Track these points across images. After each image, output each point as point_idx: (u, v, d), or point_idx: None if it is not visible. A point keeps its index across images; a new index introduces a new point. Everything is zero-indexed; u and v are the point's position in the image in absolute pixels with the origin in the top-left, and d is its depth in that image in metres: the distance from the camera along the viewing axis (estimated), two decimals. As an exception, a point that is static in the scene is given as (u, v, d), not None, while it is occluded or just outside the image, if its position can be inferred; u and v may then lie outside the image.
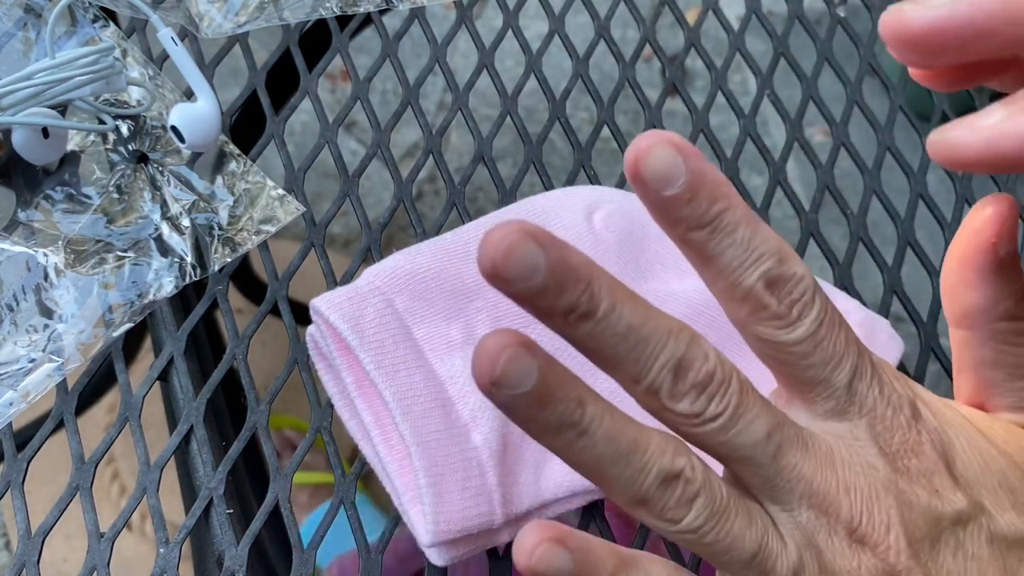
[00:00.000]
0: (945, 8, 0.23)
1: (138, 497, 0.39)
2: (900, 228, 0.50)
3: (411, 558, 0.68)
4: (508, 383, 0.23)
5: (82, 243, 0.44)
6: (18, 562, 0.38)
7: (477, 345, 0.22)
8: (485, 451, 0.37)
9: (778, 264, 0.24)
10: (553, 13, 0.56)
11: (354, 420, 0.39)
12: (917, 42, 0.24)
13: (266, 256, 0.46)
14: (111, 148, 0.47)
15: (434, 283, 0.40)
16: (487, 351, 0.22)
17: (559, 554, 0.24)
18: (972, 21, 0.23)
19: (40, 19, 0.50)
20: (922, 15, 0.24)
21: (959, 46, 0.24)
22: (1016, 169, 0.23)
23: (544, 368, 0.23)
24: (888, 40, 0.24)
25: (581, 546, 0.25)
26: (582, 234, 0.42)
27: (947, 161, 0.23)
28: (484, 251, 0.22)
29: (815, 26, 0.57)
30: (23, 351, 0.41)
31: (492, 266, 0.22)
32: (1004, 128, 0.22)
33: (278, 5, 0.52)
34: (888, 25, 0.24)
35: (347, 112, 0.50)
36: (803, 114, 0.54)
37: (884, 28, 0.24)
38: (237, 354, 0.42)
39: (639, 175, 0.23)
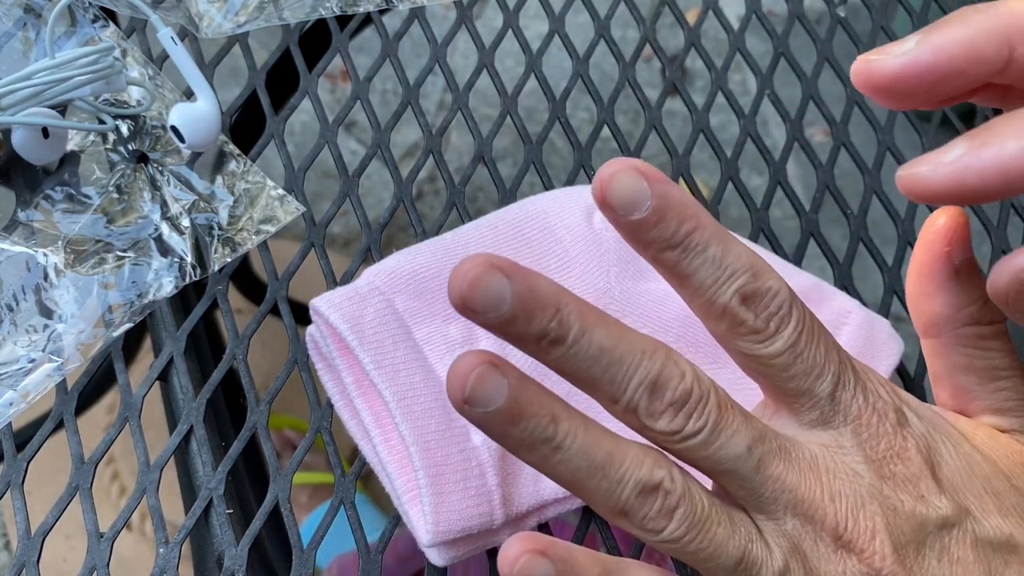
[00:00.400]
0: (909, 56, 0.24)
1: (138, 497, 0.39)
2: (900, 228, 0.50)
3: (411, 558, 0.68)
4: (479, 401, 0.24)
5: (82, 243, 0.44)
6: (18, 562, 0.38)
7: (451, 365, 0.24)
8: (485, 451, 0.37)
9: (752, 279, 0.25)
10: (553, 13, 0.56)
11: (354, 420, 0.39)
12: (886, 89, 0.25)
13: (266, 256, 0.46)
14: (111, 148, 0.47)
15: (434, 283, 0.40)
16: (458, 371, 0.23)
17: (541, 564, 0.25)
18: (935, 67, 0.24)
19: (40, 19, 0.50)
20: (888, 64, 0.24)
21: (928, 88, 0.24)
22: (980, 200, 0.23)
23: (514, 386, 0.24)
24: (859, 88, 0.25)
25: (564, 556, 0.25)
26: (582, 234, 0.42)
27: (914, 196, 0.24)
28: (452, 284, 0.23)
29: (815, 26, 0.57)
30: (23, 351, 0.41)
31: (460, 298, 0.23)
32: (966, 163, 0.23)
33: (278, 5, 0.52)
34: (857, 75, 0.25)
35: (347, 112, 0.50)
36: (803, 114, 0.54)
37: (854, 77, 0.25)
38: (237, 354, 0.42)
39: (606, 201, 0.24)
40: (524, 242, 0.42)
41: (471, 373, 0.23)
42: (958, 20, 0.24)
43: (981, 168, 0.22)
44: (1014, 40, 0.24)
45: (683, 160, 0.51)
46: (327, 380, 0.40)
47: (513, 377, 0.24)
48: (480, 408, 0.24)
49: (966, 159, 0.23)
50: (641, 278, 0.42)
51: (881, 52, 0.25)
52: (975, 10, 0.24)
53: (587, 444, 0.25)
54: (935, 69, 0.24)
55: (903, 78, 0.24)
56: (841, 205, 0.50)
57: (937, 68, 0.24)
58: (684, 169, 0.50)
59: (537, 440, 0.24)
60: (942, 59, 0.24)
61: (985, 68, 0.24)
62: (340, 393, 0.40)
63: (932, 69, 0.24)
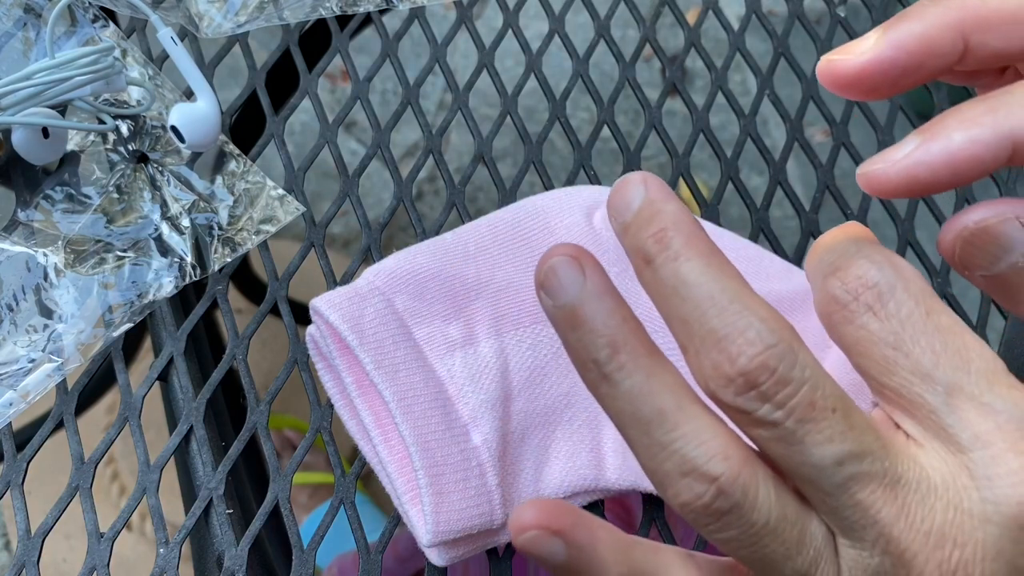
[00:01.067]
0: (870, 53, 0.25)
1: (138, 497, 0.39)
2: (900, 228, 0.50)
3: (411, 558, 0.68)
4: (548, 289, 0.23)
5: (82, 243, 0.44)
6: (18, 562, 0.38)
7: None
8: (485, 451, 0.37)
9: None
10: (553, 13, 0.56)
11: (354, 420, 0.39)
12: (851, 86, 0.25)
13: (266, 256, 0.46)
14: (111, 148, 0.47)
15: (434, 283, 0.40)
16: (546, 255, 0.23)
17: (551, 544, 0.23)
18: (895, 62, 0.24)
19: (40, 19, 0.50)
20: (850, 63, 0.25)
21: (891, 82, 0.25)
22: (936, 191, 0.23)
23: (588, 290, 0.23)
24: (825, 86, 0.26)
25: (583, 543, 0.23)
26: (582, 234, 0.42)
27: (872, 192, 0.24)
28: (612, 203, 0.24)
29: (815, 26, 0.57)
30: (23, 351, 0.41)
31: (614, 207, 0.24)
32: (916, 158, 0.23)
33: (278, 5, 0.52)
34: (822, 74, 0.25)
35: (347, 112, 0.50)
36: (803, 114, 0.54)
37: (820, 76, 0.26)
38: (237, 354, 0.42)
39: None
40: (524, 242, 0.42)
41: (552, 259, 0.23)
42: (914, 15, 0.25)
43: (930, 162, 0.23)
44: (967, 31, 0.24)
45: (683, 160, 0.51)
46: (327, 380, 0.40)
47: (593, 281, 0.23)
48: (547, 299, 0.23)
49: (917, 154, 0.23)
50: (641, 278, 0.42)
51: (843, 51, 0.25)
52: (930, 3, 0.25)
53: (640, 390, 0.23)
54: (895, 64, 0.24)
55: (865, 75, 0.25)
56: (841, 205, 0.50)
57: (897, 63, 0.24)
58: (684, 169, 0.50)
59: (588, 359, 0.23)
60: (901, 54, 0.24)
61: (942, 60, 0.25)
62: (340, 393, 0.40)
63: (893, 64, 0.25)
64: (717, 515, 0.22)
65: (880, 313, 0.23)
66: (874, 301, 0.23)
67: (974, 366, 0.22)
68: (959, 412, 0.22)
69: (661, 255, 0.23)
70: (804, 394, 0.22)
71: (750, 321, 0.22)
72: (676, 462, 0.22)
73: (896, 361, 0.23)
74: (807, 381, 0.22)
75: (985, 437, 0.22)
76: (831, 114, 0.54)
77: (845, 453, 0.22)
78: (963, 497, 0.22)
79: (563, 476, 0.38)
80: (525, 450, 0.39)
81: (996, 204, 0.23)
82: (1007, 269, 0.23)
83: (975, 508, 0.22)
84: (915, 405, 0.23)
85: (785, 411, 0.22)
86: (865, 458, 0.22)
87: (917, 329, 0.23)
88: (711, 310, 0.22)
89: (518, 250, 0.41)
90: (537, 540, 0.23)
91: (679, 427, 0.22)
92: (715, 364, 0.22)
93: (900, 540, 0.22)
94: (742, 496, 0.22)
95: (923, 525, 0.22)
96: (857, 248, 0.24)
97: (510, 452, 0.38)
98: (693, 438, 0.22)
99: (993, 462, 0.22)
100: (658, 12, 0.58)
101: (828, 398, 0.22)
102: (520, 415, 0.39)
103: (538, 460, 0.39)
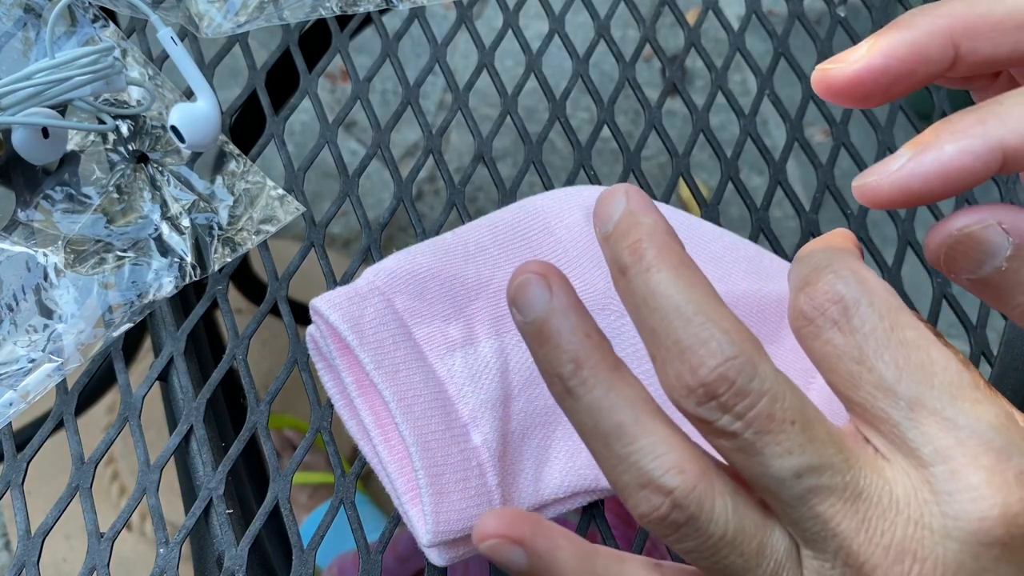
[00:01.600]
0: (862, 62, 0.25)
1: (138, 497, 0.39)
2: (900, 228, 0.50)
3: (411, 558, 0.68)
4: (517, 305, 0.24)
5: (82, 243, 0.44)
6: (18, 562, 0.38)
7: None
8: (485, 451, 0.37)
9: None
10: (553, 13, 0.56)
11: (354, 420, 0.39)
12: (844, 94, 0.26)
13: (266, 256, 0.46)
14: (111, 148, 0.47)
15: (434, 283, 0.40)
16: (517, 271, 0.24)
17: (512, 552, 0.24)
18: (887, 70, 0.25)
19: (40, 19, 0.50)
20: (842, 72, 0.25)
21: (884, 90, 0.25)
22: (930, 201, 0.24)
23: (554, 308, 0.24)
24: (819, 95, 0.26)
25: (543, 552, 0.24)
26: (582, 234, 0.42)
27: (868, 204, 0.24)
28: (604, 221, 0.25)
29: (815, 26, 0.57)
30: (23, 351, 0.41)
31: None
32: (909, 170, 0.23)
33: (278, 5, 0.52)
34: (816, 83, 0.26)
35: (347, 112, 0.50)
36: (803, 114, 0.54)
37: (814, 85, 0.26)
38: (237, 354, 0.42)
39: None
40: (524, 242, 0.42)
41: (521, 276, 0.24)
42: (904, 24, 0.25)
43: (923, 174, 0.23)
44: (957, 38, 0.25)
45: (683, 160, 0.51)
46: (327, 380, 0.40)
47: (559, 298, 0.24)
48: (519, 314, 0.24)
49: (910, 166, 0.23)
50: (641, 278, 0.42)
51: (836, 61, 0.26)
52: (921, 12, 0.25)
53: (600, 404, 0.23)
54: (887, 72, 0.25)
55: (858, 83, 0.25)
56: (841, 205, 0.50)
57: (888, 71, 0.25)
58: (684, 169, 0.50)
59: (553, 374, 0.24)
60: (893, 63, 0.25)
61: (933, 67, 0.25)
62: (340, 393, 0.40)
63: (884, 73, 0.25)
64: (674, 527, 0.23)
65: (845, 328, 0.23)
66: (839, 316, 0.23)
67: (937, 380, 0.23)
68: (921, 427, 0.22)
69: (634, 266, 0.24)
70: (762, 406, 0.22)
71: (712, 333, 0.22)
72: (633, 475, 0.23)
73: (860, 375, 0.23)
74: (766, 393, 0.22)
75: (946, 452, 0.22)
76: (831, 114, 0.54)
77: (804, 466, 0.22)
78: (924, 512, 0.22)
79: (563, 476, 0.38)
80: (525, 450, 0.39)
81: (978, 210, 0.24)
82: (991, 272, 0.24)
83: (935, 523, 0.22)
84: (879, 419, 0.23)
85: (744, 422, 0.22)
86: (825, 471, 0.22)
87: (881, 344, 0.23)
88: (677, 321, 0.23)
89: (518, 250, 0.41)
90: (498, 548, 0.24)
91: (637, 440, 0.23)
92: (678, 374, 0.23)
93: (860, 553, 0.22)
94: (697, 509, 0.23)
95: (883, 539, 0.22)
96: (827, 262, 0.24)
97: (510, 452, 0.38)
98: (650, 451, 0.23)
99: (953, 477, 0.22)
100: (658, 12, 0.58)
101: (787, 411, 0.22)
102: (520, 415, 0.39)
103: (538, 460, 0.39)
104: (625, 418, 0.23)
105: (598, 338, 0.24)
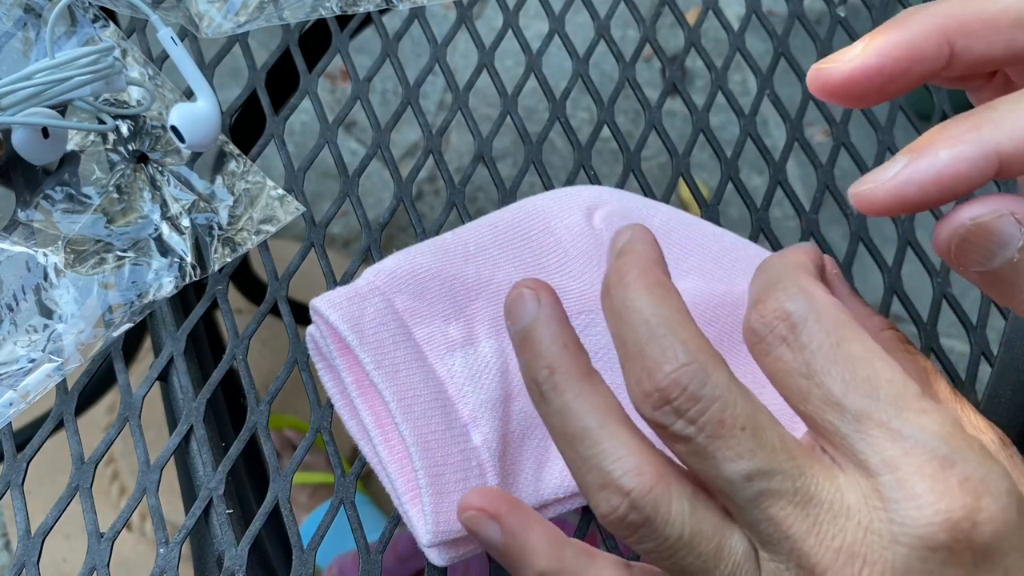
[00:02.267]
0: (857, 61, 0.26)
1: (138, 497, 0.39)
2: (900, 228, 0.50)
3: (411, 558, 0.68)
4: (508, 315, 0.26)
5: (82, 243, 0.44)
6: (18, 562, 0.38)
7: None
8: (485, 451, 0.37)
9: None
10: (553, 13, 0.56)
11: (354, 420, 0.39)
12: (839, 94, 0.26)
13: (266, 256, 0.46)
14: (111, 148, 0.47)
15: (434, 283, 0.40)
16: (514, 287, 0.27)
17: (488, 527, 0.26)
18: (881, 69, 0.25)
19: (40, 19, 0.50)
20: (838, 71, 0.26)
21: (879, 88, 0.26)
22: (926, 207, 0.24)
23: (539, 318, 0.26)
24: (815, 94, 0.26)
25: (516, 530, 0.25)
26: (582, 234, 0.42)
27: (864, 211, 0.25)
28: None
29: (815, 26, 0.57)
30: (23, 351, 0.41)
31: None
32: (905, 176, 0.24)
33: (278, 5, 0.52)
34: (812, 83, 0.26)
35: (347, 112, 0.50)
36: (803, 114, 0.54)
37: (810, 85, 0.27)
38: (237, 354, 0.42)
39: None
40: (524, 242, 0.42)
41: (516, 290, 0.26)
42: (900, 23, 0.25)
43: (919, 181, 0.24)
44: (951, 37, 0.25)
45: (683, 160, 0.51)
46: (327, 380, 0.40)
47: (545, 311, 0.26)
48: (511, 324, 0.26)
49: (905, 173, 0.24)
50: (641, 278, 0.42)
51: (831, 60, 0.26)
52: (915, 11, 0.26)
53: (569, 409, 0.25)
54: (882, 71, 0.25)
55: (853, 82, 0.26)
56: (841, 205, 0.50)
57: (883, 70, 0.25)
58: (684, 169, 0.50)
59: (531, 379, 0.26)
60: (887, 62, 0.25)
61: (928, 66, 0.25)
62: (340, 393, 0.40)
63: (879, 72, 0.25)
64: (632, 528, 0.24)
65: (793, 344, 0.24)
66: (787, 332, 0.24)
67: (883, 392, 0.23)
68: (869, 438, 0.23)
69: (616, 284, 0.25)
70: (714, 411, 0.23)
71: (671, 342, 0.24)
72: (595, 476, 0.24)
73: (809, 390, 0.24)
74: (717, 399, 0.23)
75: (893, 462, 0.23)
76: (831, 114, 0.54)
77: (753, 470, 0.23)
78: (873, 518, 0.23)
79: (563, 476, 0.38)
80: (525, 450, 0.39)
81: (991, 200, 0.24)
82: (1003, 265, 0.24)
83: (884, 529, 0.22)
84: (829, 432, 0.24)
85: (696, 427, 0.23)
86: (775, 475, 0.23)
87: (828, 359, 0.23)
88: (643, 332, 0.24)
89: (518, 250, 0.41)
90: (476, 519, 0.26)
91: (600, 443, 0.24)
92: (638, 379, 0.24)
93: (811, 555, 0.23)
94: (653, 511, 0.24)
95: (833, 542, 0.23)
96: (777, 279, 0.25)
97: (510, 452, 0.38)
98: (611, 454, 0.24)
99: (900, 486, 0.22)
100: (658, 12, 0.58)
101: (738, 416, 0.23)
102: (520, 415, 0.39)
103: (538, 460, 0.39)
104: (591, 423, 0.25)
105: (575, 348, 0.26)
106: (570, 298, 0.40)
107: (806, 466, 0.24)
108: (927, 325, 0.47)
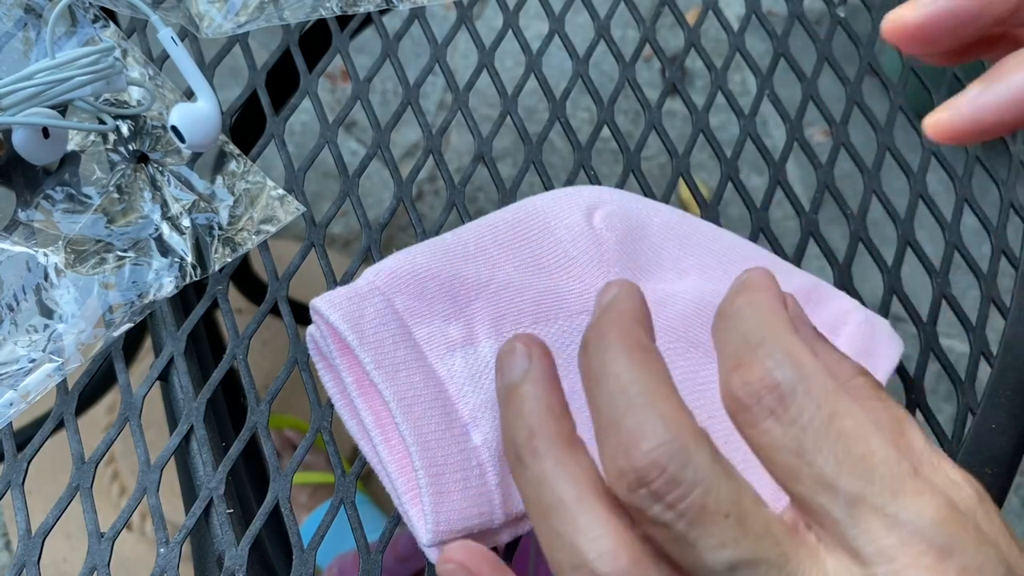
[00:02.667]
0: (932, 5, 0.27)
1: (138, 497, 0.39)
2: (900, 228, 0.50)
3: (411, 558, 0.68)
4: (499, 369, 0.25)
5: (82, 243, 0.44)
6: (18, 562, 0.38)
7: None
8: (485, 451, 0.37)
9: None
10: (553, 13, 0.57)
11: (354, 420, 0.39)
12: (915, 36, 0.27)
13: (266, 256, 0.46)
14: (111, 148, 0.47)
15: (434, 283, 0.40)
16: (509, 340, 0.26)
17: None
18: (953, 11, 0.27)
19: (40, 19, 0.50)
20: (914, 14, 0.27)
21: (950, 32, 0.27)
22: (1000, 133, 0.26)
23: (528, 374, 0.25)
24: (890, 39, 0.28)
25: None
26: (582, 234, 0.42)
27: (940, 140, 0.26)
28: None
29: (815, 26, 0.57)
30: (23, 351, 0.41)
31: None
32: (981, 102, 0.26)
33: (278, 5, 0.52)
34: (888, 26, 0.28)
35: (347, 112, 0.50)
36: (803, 114, 0.54)
37: (885, 30, 0.28)
38: (237, 354, 0.43)
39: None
40: (524, 242, 0.42)
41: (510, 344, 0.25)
42: None
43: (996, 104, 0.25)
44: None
45: (683, 160, 0.51)
46: (327, 380, 0.40)
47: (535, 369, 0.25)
48: (499, 377, 0.25)
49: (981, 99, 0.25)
50: (642, 277, 0.42)
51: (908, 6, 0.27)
52: None
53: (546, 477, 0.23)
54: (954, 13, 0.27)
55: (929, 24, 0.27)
56: (841, 205, 0.50)
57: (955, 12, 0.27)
58: (684, 169, 0.51)
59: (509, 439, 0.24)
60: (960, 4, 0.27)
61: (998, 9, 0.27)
62: (340, 393, 0.40)
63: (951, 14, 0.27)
64: None
65: (783, 418, 0.22)
66: (776, 405, 0.22)
67: (877, 474, 0.22)
68: (863, 524, 0.22)
69: (595, 344, 0.24)
70: (695, 497, 0.22)
71: (649, 415, 0.22)
72: (567, 553, 0.23)
73: (800, 470, 0.22)
74: (699, 483, 0.22)
75: (889, 552, 0.22)
76: (831, 114, 0.54)
77: (737, 559, 0.22)
78: None
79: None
80: (525, 450, 0.39)
81: None
82: None
83: None
84: (820, 514, 0.22)
85: (675, 513, 0.22)
86: (759, 566, 0.22)
87: (819, 436, 0.22)
88: (620, 401, 0.22)
89: (518, 250, 0.41)
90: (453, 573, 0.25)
91: (575, 519, 0.23)
92: (612, 455, 0.22)
93: None
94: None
95: None
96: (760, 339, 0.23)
97: (510, 452, 0.38)
98: (586, 532, 0.22)
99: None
100: (658, 12, 0.58)
101: (722, 502, 0.22)
102: (520, 415, 0.39)
103: (538, 460, 0.39)
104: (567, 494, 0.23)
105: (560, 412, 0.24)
106: (570, 298, 0.40)
107: (791, 553, 0.22)
108: (927, 325, 0.47)
